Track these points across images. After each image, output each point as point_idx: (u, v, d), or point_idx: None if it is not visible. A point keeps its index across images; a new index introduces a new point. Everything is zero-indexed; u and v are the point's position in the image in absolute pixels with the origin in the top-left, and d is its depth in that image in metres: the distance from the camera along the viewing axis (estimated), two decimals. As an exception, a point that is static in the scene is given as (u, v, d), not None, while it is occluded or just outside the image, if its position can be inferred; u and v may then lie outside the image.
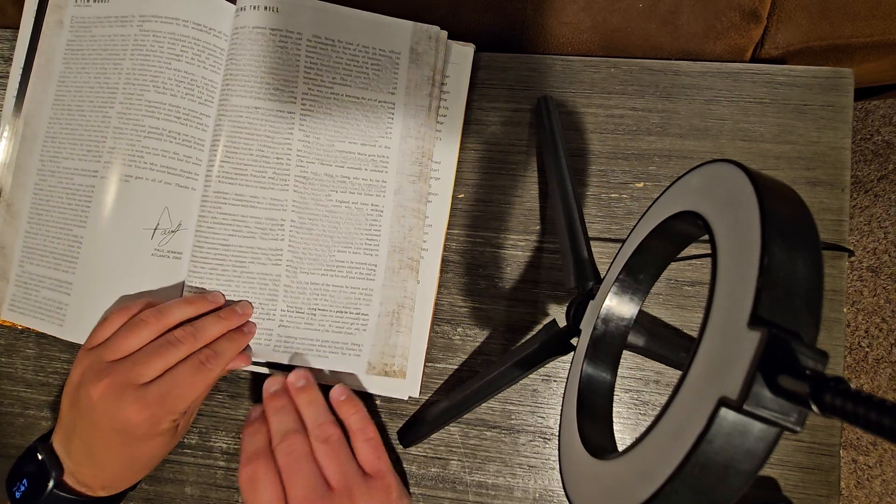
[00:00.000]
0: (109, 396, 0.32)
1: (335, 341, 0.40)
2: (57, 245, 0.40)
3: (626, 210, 0.41)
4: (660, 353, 0.34)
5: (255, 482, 0.33)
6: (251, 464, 0.33)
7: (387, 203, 0.40)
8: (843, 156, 0.40)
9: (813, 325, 0.17)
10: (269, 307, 0.39)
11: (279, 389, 0.37)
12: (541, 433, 0.40)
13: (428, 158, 0.41)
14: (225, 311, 0.37)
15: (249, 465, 0.33)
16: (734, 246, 0.19)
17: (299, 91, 0.40)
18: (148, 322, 0.34)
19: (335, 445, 0.34)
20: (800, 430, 0.15)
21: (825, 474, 0.39)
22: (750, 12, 0.42)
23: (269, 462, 0.33)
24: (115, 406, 0.32)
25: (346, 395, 0.38)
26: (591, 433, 0.26)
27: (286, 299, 0.39)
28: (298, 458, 0.33)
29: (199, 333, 0.35)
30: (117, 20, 0.41)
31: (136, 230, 0.39)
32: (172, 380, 0.33)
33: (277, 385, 0.37)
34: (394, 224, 0.40)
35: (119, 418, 0.32)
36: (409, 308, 0.40)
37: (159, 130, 0.39)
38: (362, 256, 0.40)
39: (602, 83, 0.42)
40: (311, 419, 0.35)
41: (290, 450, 0.34)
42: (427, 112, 0.41)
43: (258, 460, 0.33)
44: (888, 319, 0.99)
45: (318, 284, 0.40)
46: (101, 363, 0.33)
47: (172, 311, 0.36)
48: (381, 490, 0.34)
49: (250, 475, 0.33)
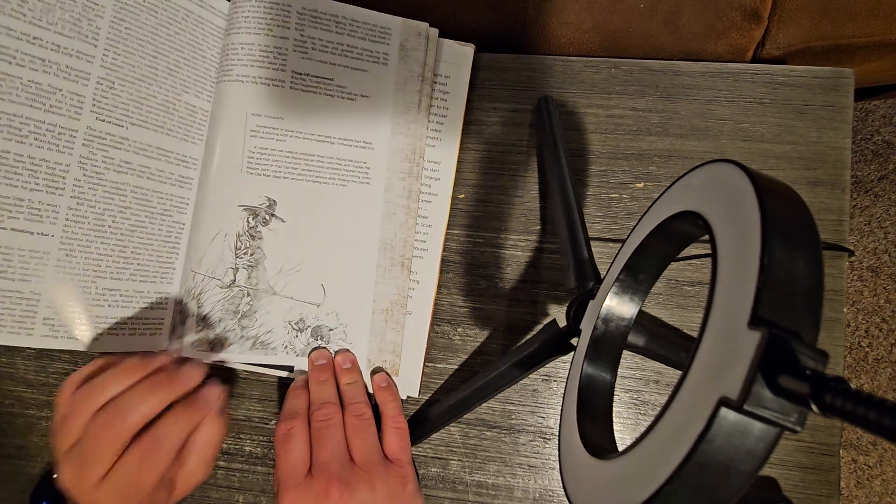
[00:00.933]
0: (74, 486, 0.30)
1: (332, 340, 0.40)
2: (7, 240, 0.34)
3: (626, 210, 0.41)
4: (660, 353, 0.34)
5: (288, 439, 0.35)
6: (288, 421, 0.36)
7: (376, 200, 0.40)
8: (843, 156, 0.40)
9: (813, 325, 0.17)
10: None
11: (325, 364, 0.39)
12: (541, 433, 0.40)
13: (419, 156, 0.41)
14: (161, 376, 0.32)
15: (286, 423, 0.36)
16: (734, 246, 0.19)
17: (287, 84, 0.40)
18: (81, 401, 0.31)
19: (366, 423, 0.37)
20: (800, 430, 0.15)
21: (825, 474, 0.39)
22: (751, 12, 0.42)
23: (304, 424, 0.36)
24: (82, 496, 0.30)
25: (388, 382, 0.40)
26: (591, 433, 0.26)
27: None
28: (330, 427, 0.36)
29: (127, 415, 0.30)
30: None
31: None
32: (118, 476, 0.30)
33: (324, 360, 0.39)
34: (384, 221, 0.40)
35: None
36: (401, 305, 0.40)
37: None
38: (358, 251, 0.40)
39: (602, 83, 0.42)
40: (349, 396, 0.38)
41: (324, 417, 0.36)
42: (417, 109, 0.41)
43: (295, 420, 0.36)
44: (888, 319, 0.99)
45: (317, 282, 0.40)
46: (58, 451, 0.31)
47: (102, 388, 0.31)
48: (399, 478, 0.36)
49: (286, 431, 0.35)
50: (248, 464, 0.41)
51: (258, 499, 0.41)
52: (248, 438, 0.41)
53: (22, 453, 0.42)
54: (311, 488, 0.33)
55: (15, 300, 0.34)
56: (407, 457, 0.37)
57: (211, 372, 0.41)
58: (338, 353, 0.40)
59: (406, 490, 0.35)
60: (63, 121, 0.35)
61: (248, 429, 0.41)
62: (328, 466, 0.34)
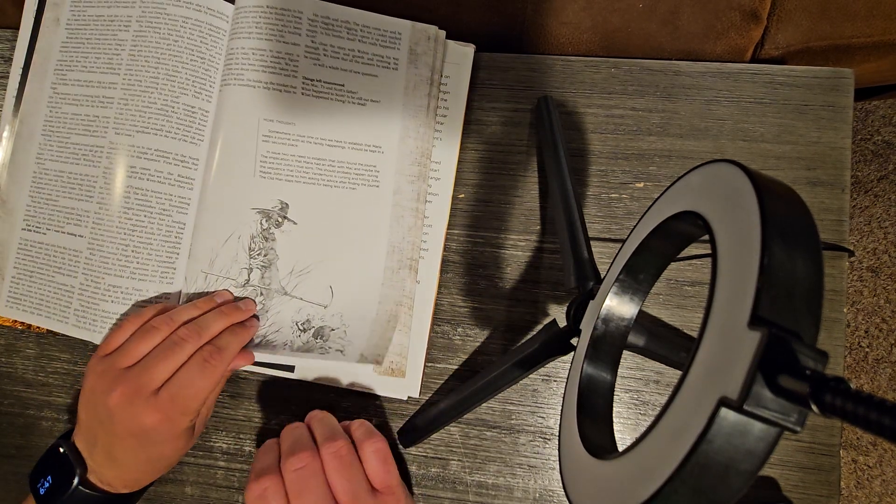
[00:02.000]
0: (124, 404, 0.33)
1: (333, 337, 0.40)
2: (57, 240, 0.40)
3: (626, 210, 0.41)
4: (660, 353, 0.34)
5: (263, 501, 0.32)
6: (259, 481, 0.32)
7: (384, 203, 0.40)
8: (843, 156, 0.40)
9: (813, 325, 0.17)
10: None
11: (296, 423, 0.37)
12: (541, 433, 0.40)
13: (427, 158, 0.41)
14: (227, 306, 0.38)
15: (258, 483, 0.32)
16: (734, 246, 0.19)
17: (298, 90, 0.40)
18: (158, 328, 0.35)
19: (345, 460, 0.33)
20: (800, 430, 0.15)
21: (825, 474, 0.39)
22: (750, 12, 0.42)
23: (277, 479, 0.33)
24: (131, 413, 0.33)
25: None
26: (591, 433, 0.26)
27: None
28: (307, 476, 0.32)
29: (203, 330, 0.35)
30: (116, 19, 0.41)
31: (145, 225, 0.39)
32: (180, 381, 0.34)
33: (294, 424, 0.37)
34: (392, 224, 0.40)
35: (136, 424, 0.33)
36: (407, 307, 0.40)
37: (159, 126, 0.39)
38: (366, 253, 0.40)
39: (602, 83, 0.42)
40: (321, 434, 0.35)
41: (298, 466, 0.33)
42: (426, 112, 0.41)
43: (268, 478, 0.32)
44: (888, 319, 0.99)
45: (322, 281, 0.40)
46: (115, 371, 0.34)
47: (181, 315, 0.36)
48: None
49: (259, 493, 0.32)
50: (248, 464, 0.41)
51: (258, 499, 0.41)
52: (247, 438, 0.41)
53: (22, 453, 0.42)
54: None
55: (59, 292, 0.40)
56: (394, 479, 0.35)
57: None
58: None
59: None
60: (96, 140, 0.40)
61: (248, 429, 0.41)
62: None
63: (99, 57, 0.41)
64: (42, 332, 0.42)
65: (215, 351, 0.35)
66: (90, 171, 0.40)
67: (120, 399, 0.33)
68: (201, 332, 0.35)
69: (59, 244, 0.40)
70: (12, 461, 0.42)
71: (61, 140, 0.41)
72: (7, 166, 0.42)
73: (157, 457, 0.35)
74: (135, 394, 0.33)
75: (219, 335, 0.36)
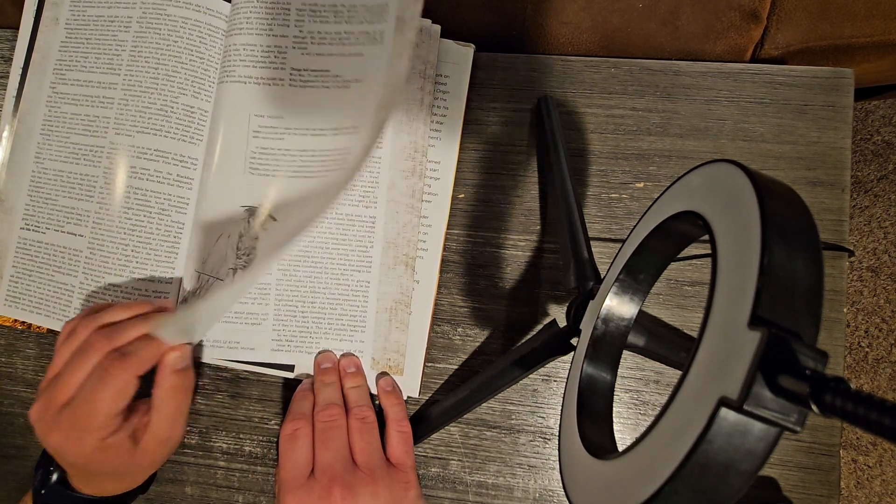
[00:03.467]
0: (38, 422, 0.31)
1: (333, 338, 0.40)
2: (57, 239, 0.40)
3: (626, 210, 0.41)
4: (660, 353, 0.34)
5: (293, 439, 0.35)
6: (295, 422, 0.36)
7: (379, 198, 0.40)
8: (843, 156, 0.40)
9: (813, 325, 0.17)
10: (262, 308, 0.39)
11: (331, 367, 0.39)
12: (541, 433, 0.40)
13: (422, 154, 0.41)
14: (137, 303, 0.35)
15: (292, 423, 0.36)
16: (734, 246, 0.19)
17: (286, 82, 0.39)
18: (78, 334, 0.33)
19: (369, 426, 0.36)
20: (800, 430, 0.15)
21: (825, 474, 0.39)
22: (750, 12, 0.42)
23: (309, 425, 0.36)
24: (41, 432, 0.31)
25: (393, 386, 0.40)
26: (591, 433, 0.26)
27: (278, 300, 0.39)
28: (333, 429, 0.36)
29: (114, 335, 0.32)
30: (116, 19, 0.41)
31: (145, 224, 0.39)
32: (81, 394, 0.30)
33: (329, 363, 0.39)
34: (388, 220, 0.40)
35: (47, 445, 0.32)
36: (405, 304, 0.40)
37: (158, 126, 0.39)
38: (357, 252, 0.40)
39: (602, 83, 0.42)
40: (353, 400, 0.38)
41: (328, 418, 0.36)
42: (419, 106, 0.40)
43: (301, 421, 0.36)
44: (888, 319, 0.99)
45: (313, 280, 0.40)
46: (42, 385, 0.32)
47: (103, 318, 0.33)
48: (402, 483, 0.35)
49: (292, 431, 0.35)
50: (248, 464, 0.41)
51: (258, 499, 0.41)
52: (247, 438, 0.41)
53: (22, 453, 0.42)
54: (313, 490, 0.33)
55: (59, 290, 0.41)
56: (410, 462, 0.37)
57: (211, 372, 0.42)
58: (342, 357, 0.40)
59: (408, 496, 0.35)
60: (97, 140, 0.41)
61: (247, 429, 0.41)
62: (331, 468, 0.34)
63: (99, 57, 0.41)
64: (42, 331, 0.42)
65: (117, 358, 0.31)
66: (90, 171, 0.40)
67: (35, 416, 0.31)
68: (112, 338, 0.32)
69: (59, 243, 0.41)
70: (12, 461, 0.42)
71: (60, 140, 0.41)
72: (6, 165, 0.42)
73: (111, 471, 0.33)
74: (44, 410, 0.31)
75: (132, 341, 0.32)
